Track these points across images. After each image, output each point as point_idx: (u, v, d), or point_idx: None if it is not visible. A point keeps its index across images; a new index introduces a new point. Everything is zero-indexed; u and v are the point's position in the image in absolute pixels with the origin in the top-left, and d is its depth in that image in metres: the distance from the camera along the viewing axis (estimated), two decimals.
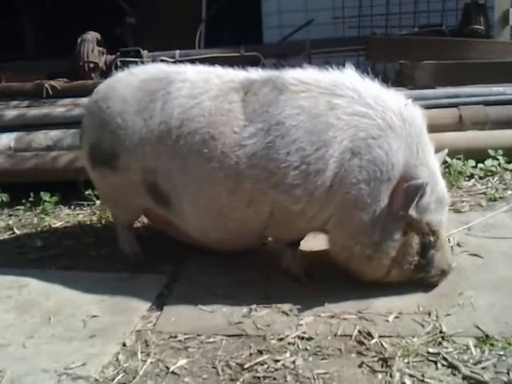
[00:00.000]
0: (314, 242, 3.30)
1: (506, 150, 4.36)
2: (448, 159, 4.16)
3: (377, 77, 3.02)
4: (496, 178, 4.22)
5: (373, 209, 2.77)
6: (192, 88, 3.04)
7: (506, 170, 4.30)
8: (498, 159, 4.34)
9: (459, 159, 4.28)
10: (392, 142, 2.77)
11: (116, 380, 2.46)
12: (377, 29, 6.43)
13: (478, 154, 4.36)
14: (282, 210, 2.88)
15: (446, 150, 3.10)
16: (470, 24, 5.58)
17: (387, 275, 2.90)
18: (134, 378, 2.47)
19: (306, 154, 2.77)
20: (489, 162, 4.32)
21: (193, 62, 3.64)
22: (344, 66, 3.00)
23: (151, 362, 2.56)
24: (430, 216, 2.81)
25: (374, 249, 2.81)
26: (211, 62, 3.52)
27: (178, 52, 5.53)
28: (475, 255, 3.22)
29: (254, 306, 2.89)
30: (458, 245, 3.33)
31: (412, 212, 2.74)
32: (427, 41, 5.38)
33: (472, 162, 4.33)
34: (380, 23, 6.84)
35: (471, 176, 4.26)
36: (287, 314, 2.83)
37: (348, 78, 2.93)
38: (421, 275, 2.89)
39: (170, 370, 2.50)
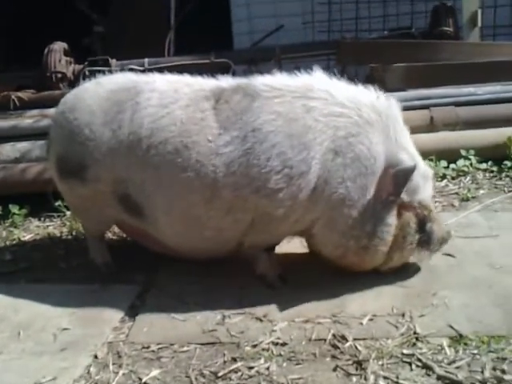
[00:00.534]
0: (288, 246, 3.27)
1: (478, 149, 4.37)
2: None
3: (348, 80, 3.04)
4: (468, 178, 4.23)
5: (361, 203, 2.83)
6: (161, 98, 3.01)
7: (478, 169, 4.31)
8: (469, 159, 4.35)
9: (431, 160, 4.28)
10: (371, 137, 2.83)
11: None
12: (347, 33, 6.44)
13: (450, 155, 4.37)
14: (264, 215, 2.87)
15: None
16: (439, 26, 5.60)
17: (389, 261, 2.97)
18: None
19: (287, 157, 2.78)
20: (461, 162, 4.34)
21: (162, 70, 3.61)
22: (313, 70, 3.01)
23: (123, 374, 2.52)
24: (421, 194, 2.91)
25: (369, 238, 2.87)
26: (181, 69, 3.49)
27: (147, 60, 5.48)
28: (448, 255, 3.22)
29: (227, 313, 2.87)
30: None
31: (403, 196, 2.84)
32: (397, 44, 5.40)
33: (444, 163, 4.34)
34: (350, 27, 6.85)
35: (443, 176, 4.27)
36: (261, 320, 2.80)
37: (318, 81, 2.96)
38: (424, 251, 3.00)
39: (143, 381, 2.47)
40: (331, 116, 2.83)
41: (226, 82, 3.08)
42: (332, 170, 2.80)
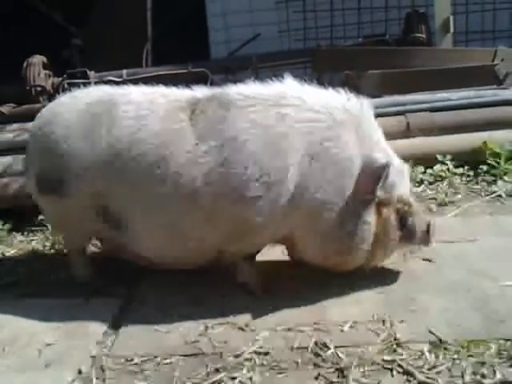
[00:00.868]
0: (270, 254, 3.29)
1: (454, 154, 4.42)
2: None
3: (323, 87, 3.08)
4: (445, 183, 4.27)
5: (340, 205, 2.86)
6: (138, 109, 3.01)
7: (455, 174, 4.35)
8: (446, 164, 4.39)
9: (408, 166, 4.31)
10: (346, 139, 2.86)
11: None
12: (322, 40, 6.48)
13: (427, 160, 4.41)
14: (244, 224, 2.88)
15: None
16: (412, 32, 5.67)
17: (372, 258, 3.00)
18: None
19: (264, 165, 2.80)
20: (437, 168, 4.38)
21: (140, 81, 3.62)
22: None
23: None
24: (399, 190, 2.94)
25: (350, 238, 2.89)
26: (159, 79, 3.51)
27: (125, 71, 5.50)
28: (427, 260, 3.26)
29: (209, 324, 2.88)
30: (410, 251, 3.34)
31: (380, 193, 2.86)
32: (371, 51, 5.46)
33: (421, 168, 4.38)
34: (325, 35, 6.88)
35: (421, 182, 4.31)
36: (243, 330, 2.82)
37: (290, 88, 2.99)
38: (406, 246, 3.07)
39: None
40: (305, 122, 2.86)
41: (200, 92, 3.10)
42: (309, 176, 2.82)
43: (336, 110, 2.90)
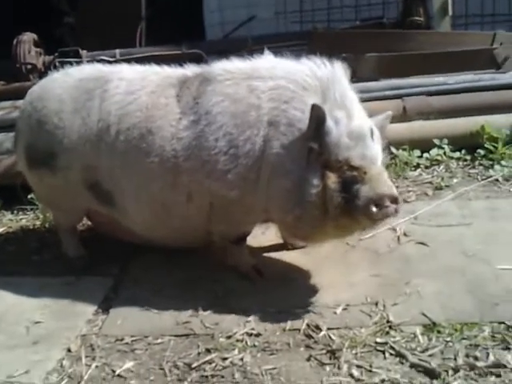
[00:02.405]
0: (263, 238, 3.29)
1: (451, 138, 4.38)
2: (394, 150, 4.17)
3: None
4: (442, 167, 4.24)
5: (296, 169, 2.73)
6: (129, 85, 3.04)
7: (452, 158, 4.32)
8: (443, 148, 4.35)
9: (405, 150, 4.29)
10: (307, 100, 2.75)
11: None
12: (319, 23, 6.41)
13: (424, 144, 4.37)
14: (220, 199, 2.87)
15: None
16: (410, 16, 5.61)
17: (326, 229, 2.76)
18: (78, 382, 2.44)
19: (232, 137, 2.79)
20: (434, 152, 4.34)
21: (133, 61, 3.59)
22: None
23: (96, 366, 2.52)
24: (347, 152, 2.66)
25: (302, 203, 2.70)
26: (153, 60, 3.47)
27: (118, 51, 5.44)
28: (422, 244, 3.24)
29: (201, 305, 2.86)
30: (405, 234, 3.34)
31: (325, 152, 2.66)
32: (369, 34, 5.40)
33: (417, 152, 4.34)
34: (322, 17, 6.82)
35: (417, 166, 4.27)
36: (235, 311, 2.80)
37: (265, 62, 2.97)
38: (354, 217, 2.66)
39: (116, 373, 2.47)
40: (270, 90, 2.83)
41: (191, 70, 3.11)
42: (270, 143, 2.77)
43: (303, 74, 2.83)
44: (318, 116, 2.64)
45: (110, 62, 3.91)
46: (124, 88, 3.03)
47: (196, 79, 3.00)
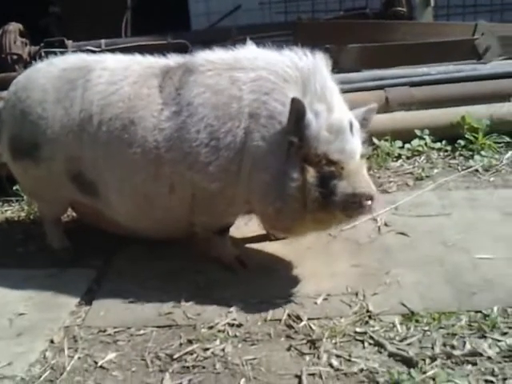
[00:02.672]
0: (246, 229, 3.31)
1: (432, 129, 4.42)
2: (376, 141, 4.21)
3: None
4: (423, 158, 4.27)
5: (276, 162, 2.75)
6: (112, 75, 3.04)
7: (433, 149, 4.35)
8: (424, 139, 4.39)
9: (386, 140, 4.32)
10: (287, 92, 2.76)
11: (43, 377, 2.45)
12: (303, 13, 6.44)
13: (405, 135, 4.40)
14: (202, 191, 2.88)
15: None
16: (392, 6, 5.64)
17: (304, 222, 2.79)
18: (61, 374, 2.46)
19: (214, 129, 2.80)
20: (415, 142, 4.37)
21: (118, 51, 3.59)
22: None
23: (79, 358, 2.54)
24: (326, 146, 2.67)
25: (282, 196, 2.72)
26: (138, 50, 3.47)
27: (103, 41, 5.45)
28: (402, 234, 3.28)
29: (184, 296, 2.88)
30: (386, 224, 3.37)
31: (304, 146, 2.67)
32: (352, 24, 5.43)
33: (399, 143, 4.37)
34: (306, 8, 6.86)
35: (399, 156, 4.30)
36: (217, 302, 2.82)
37: (247, 52, 2.97)
38: (331, 211, 2.68)
39: (99, 364, 2.49)
40: (251, 82, 2.83)
41: (174, 60, 3.11)
42: (251, 135, 2.78)
43: (283, 66, 2.83)
44: (297, 110, 2.65)
45: (95, 52, 3.91)
46: (106, 78, 3.02)
47: (179, 69, 2.99)
